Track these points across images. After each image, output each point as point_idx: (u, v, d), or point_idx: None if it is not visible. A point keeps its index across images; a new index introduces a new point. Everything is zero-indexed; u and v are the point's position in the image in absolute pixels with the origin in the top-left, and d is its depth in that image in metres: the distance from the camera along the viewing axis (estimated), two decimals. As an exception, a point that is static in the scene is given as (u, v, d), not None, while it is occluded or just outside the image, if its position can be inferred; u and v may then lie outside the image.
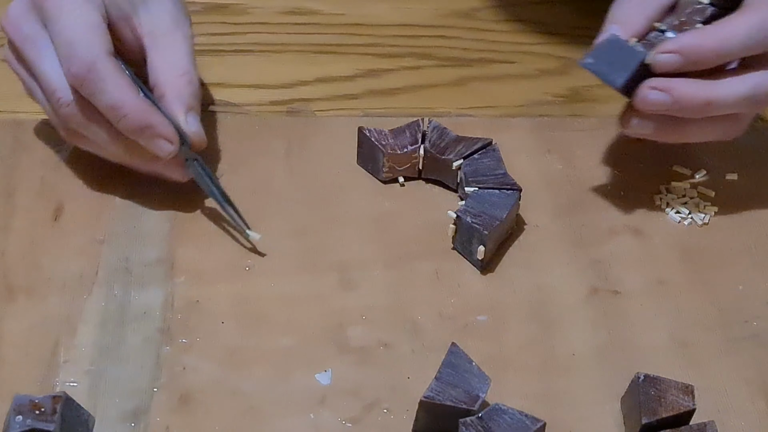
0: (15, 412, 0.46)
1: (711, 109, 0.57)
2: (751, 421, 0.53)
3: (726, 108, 0.58)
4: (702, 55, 0.57)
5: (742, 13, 0.57)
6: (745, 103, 0.58)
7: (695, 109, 0.57)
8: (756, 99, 0.58)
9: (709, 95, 0.57)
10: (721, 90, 0.57)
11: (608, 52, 0.57)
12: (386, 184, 0.63)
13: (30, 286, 0.56)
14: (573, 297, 0.58)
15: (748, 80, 0.58)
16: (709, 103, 0.57)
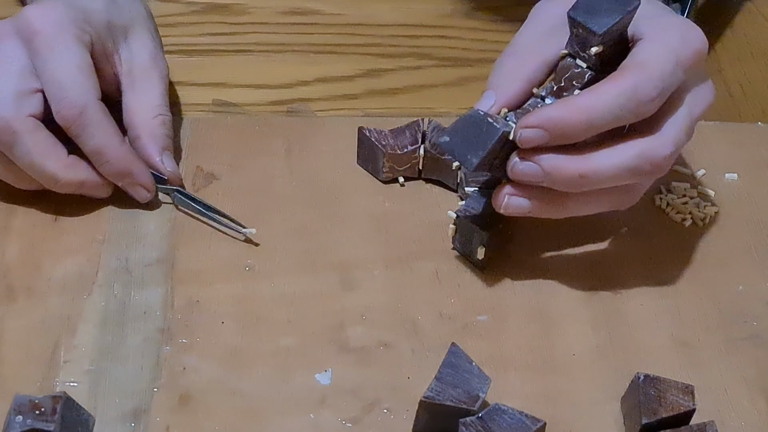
0: (15, 412, 0.46)
1: (587, 183, 0.52)
2: (751, 421, 0.53)
3: (605, 181, 0.52)
4: (567, 129, 0.51)
5: (613, 79, 0.51)
6: (627, 175, 0.52)
7: (568, 183, 0.52)
8: (639, 170, 0.52)
9: (580, 168, 0.51)
10: (596, 162, 0.51)
11: (466, 129, 0.52)
12: (386, 184, 0.63)
13: (30, 286, 0.56)
14: (573, 297, 0.58)
15: (628, 149, 0.52)
16: (582, 176, 0.51)
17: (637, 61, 0.51)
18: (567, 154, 0.52)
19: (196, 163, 0.63)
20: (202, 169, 0.63)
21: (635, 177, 0.52)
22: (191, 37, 0.73)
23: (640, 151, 0.52)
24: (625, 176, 0.52)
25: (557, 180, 0.52)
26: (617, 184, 0.53)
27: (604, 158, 0.52)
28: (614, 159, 0.51)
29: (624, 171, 0.52)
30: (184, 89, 0.70)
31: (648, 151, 0.52)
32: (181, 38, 0.73)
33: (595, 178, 0.52)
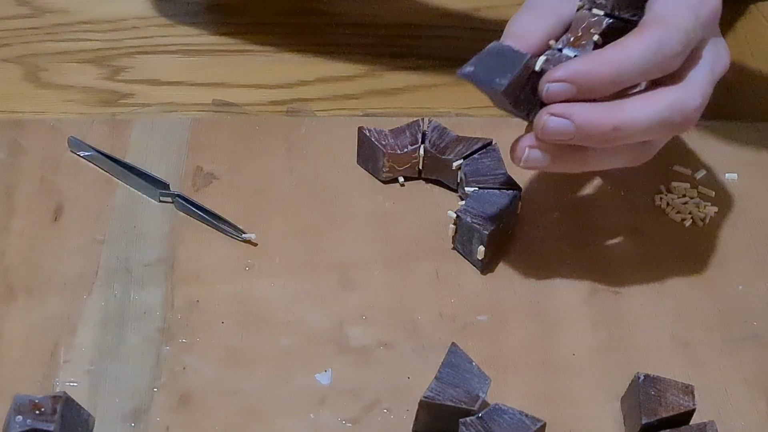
0: (15, 412, 0.46)
1: (619, 136, 0.51)
2: (751, 421, 0.53)
3: (637, 134, 0.51)
4: (595, 83, 0.50)
5: (638, 34, 0.51)
6: (659, 127, 0.51)
7: (602, 137, 0.51)
8: (670, 123, 0.51)
9: (616, 120, 0.50)
10: (630, 113, 0.50)
11: (489, 58, 0.51)
12: (386, 184, 0.63)
13: (30, 286, 0.56)
14: (573, 297, 0.58)
15: (660, 100, 0.51)
16: (616, 128, 0.50)
17: (658, 15, 0.51)
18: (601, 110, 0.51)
19: (196, 163, 0.63)
20: (202, 169, 0.63)
21: (666, 129, 0.52)
22: (191, 37, 0.73)
23: (671, 102, 0.51)
24: (657, 128, 0.51)
25: (591, 134, 0.50)
26: (648, 138, 0.52)
27: (637, 110, 0.50)
28: (647, 110, 0.50)
29: (656, 122, 0.51)
30: (184, 89, 0.70)
31: (678, 102, 0.51)
32: (181, 38, 0.73)
33: (629, 131, 0.50)
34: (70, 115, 0.67)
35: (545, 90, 0.51)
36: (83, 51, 0.72)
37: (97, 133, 0.64)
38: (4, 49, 0.72)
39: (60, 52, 0.72)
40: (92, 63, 0.71)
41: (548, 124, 0.51)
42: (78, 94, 0.69)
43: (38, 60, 0.71)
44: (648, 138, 0.52)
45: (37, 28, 0.74)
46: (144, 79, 0.70)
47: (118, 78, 0.70)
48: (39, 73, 0.70)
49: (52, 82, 0.70)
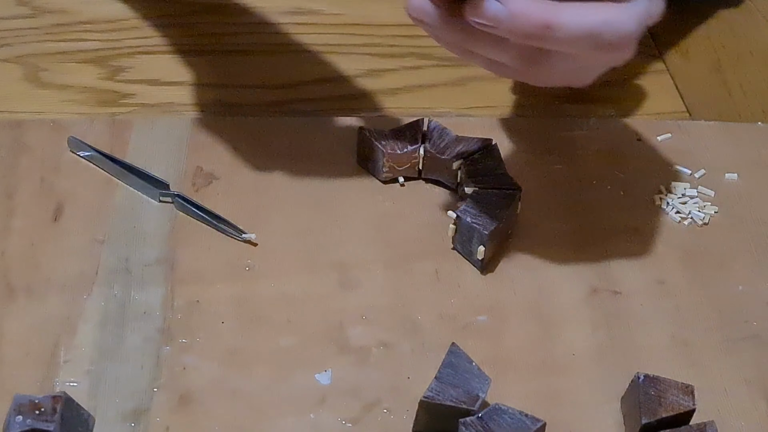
0: (15, 412, 0.46)
1: (549, 37, 0.48)
2: (751, 421, 0.53)
3: (567, 40, 0.48)
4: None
5: None
6: (590, 40, 0.48)
7: (531, 32, 0.48)
8: (603, 38, 0.48)
9: (548, 17, 0.47)
10: (564, 16, 0.48)
11: None
12: (386, 184, 0.63)
13: (30, 286, 0.56)
14: (573, 297, 0.58)
15: (597, 12, 0.48)
16: (549, 26, 0.47)
17: None
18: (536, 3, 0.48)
19: (196, 163, 0.63)
20: (202, 169, 0.63)
21: (596, 46, 0.49)
22: (191, 37, 0.74)
23: (608, 17, 0.48)
24: (587, 41, 0.48)
25: (521, 26, 0.48)
26: (577, 50, 0.49)
27: (573, 15, 0.48)
28: (582, 18, 0.48)
29: (588, 34, 0.48)
30: (184, 89, 0.70)
31: (614, 20, 0.49)
32: (181, 38, 0.73)
33: (559, 34, 0.48)
34: (70, 115, 0.67)
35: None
36: (83, 51, 0.72)
37: (97, 133, 0.64)
38: (4, 49, 0.72)
39: (60, 52, 0.72)
40: (92, 63, 0.71)
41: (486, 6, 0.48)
42: (78, 94, 0.69)
43: (38, 60, 0.71)
44: (576, 49, 0.49)
45: (37, 28, 0.74)
46: (144, 79, 0.70)
47: (118, 78, 0.70)
48: (39, 73, 0.70)
49: (52, 82, 0.70)
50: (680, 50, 0.77)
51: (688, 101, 0.73)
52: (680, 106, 0.72)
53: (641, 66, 0.76)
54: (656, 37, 0.78)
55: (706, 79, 0.75)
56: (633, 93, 0.73)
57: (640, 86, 0.74)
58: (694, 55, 0.77)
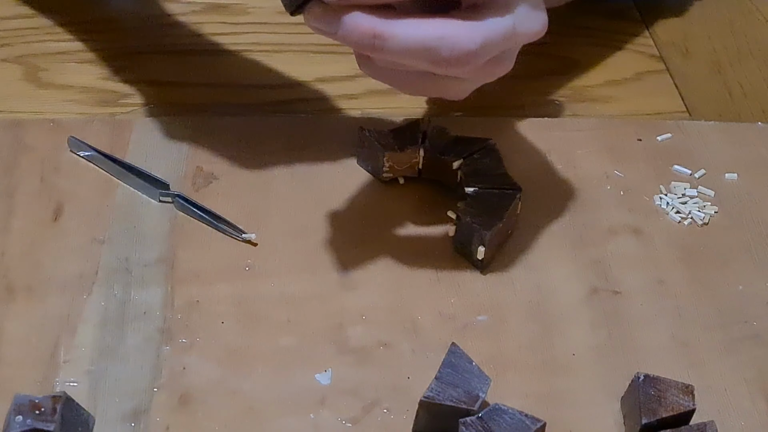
0: (15, 412, 0.46)
1: (378, 46, 0.47)
2: (751, 421, 0.52)
3: (399, 52, 0.47)
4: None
5: None
6: (422, 53, 0.47)
7: (361, 41, 0.48)
8: (437, 53, 0.47)
9: (377, 26, 0.47)
10: (396, 27, 0.47)
11: None
12: (386, 184, 0.63)
13: (30, 286, 0.56)
14: (573, 297, 0.58)
15: (435, 27, 0.47)
16: (377, 36, 0.47)
17: None
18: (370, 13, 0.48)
19: (196, 163, 0.63)
20: (202, 169, 0.63)
21: (431, 61, 0.48)
22: (191, 37, 0.73)
23: (446, 33, 0.47)
24: (420, 54, 0.48)
25: (349, 33, 0.48)
26: (412, 63, 0.48)
27: (406, 26, 0.47)
28: (415, 30, 0.47)
29: (420, 47, 0.47)
30: (184, 89, 0.70)
31: (453, 37, 0.47)
32: (181, 38, 0.73)
33: (389, 45, 0.47)
34: (70, 115, 0.67)
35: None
36: (83, 51, 0.72)
37: (97, 133, 0.64)
38: (4, 49, 0.72)
39: (60, 52, 0.72)
40: (92, 63, 0.71)
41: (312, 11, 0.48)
42: (78, 94, 0.69)
43: (38, 60, 0.71)
44: (410, 62, 0.49)
45: (37, 28, 0.74)
46: (144, 79, 0.70)
47: (118, 78, 0.70)
48: (39, 73, 0.70)
49: (52, 82, 0.70)
50: (680, 50, 0.77)
51: (688, 101, 0.73)
52: (680, 106, 0.72)
53: (641, 66, 0.76)
54: (656, 37, 0.78)
55: (706, 79, 0.75)
56: (633, 93, 0.73)
57: (640, 86, 0.74)
58: (694, 55, 0.77)
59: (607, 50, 0.76)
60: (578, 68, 0.61)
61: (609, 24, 0.77)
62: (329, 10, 0.48)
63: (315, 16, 0.49)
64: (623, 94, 0.73)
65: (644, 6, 0.81)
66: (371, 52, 0.49)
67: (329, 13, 0.48)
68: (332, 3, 0.48)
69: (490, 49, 0.49)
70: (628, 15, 0.80)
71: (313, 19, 0.49)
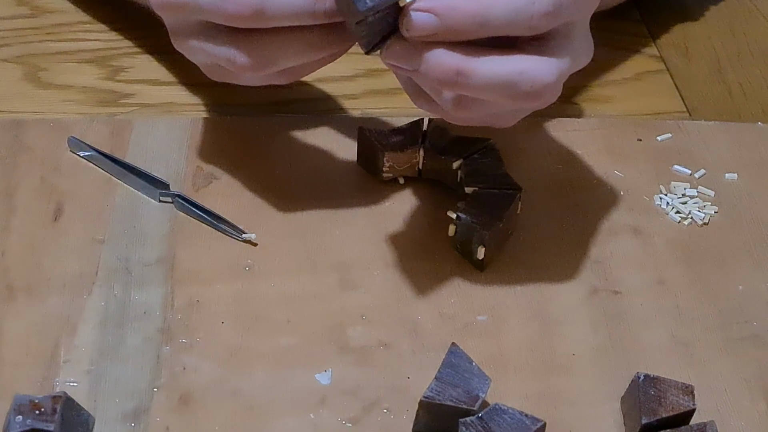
0: (15, 412, 0.46)
1: (461, 83, 0.49)
2: (751, 421, 0.52)
3: (481, 88, 0.49)
4: (459, 18, 0.48)
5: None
6: (504, 88, 0.49)
7: (442, 77, 0.49)
8: (516, 88, 0.49)
9: (460, 64, 0.48)
10: (478, 63, 0.48)
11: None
12: (386, 184, 0.63)
13: (30, 286, 0.56)
14: (573, 297, 0.58)
15: (514, 62, 0.49)
16: (460, 72, 0.48)
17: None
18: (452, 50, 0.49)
19: (196, 163, 0.63)
20: (202, 169, 0.63)
21: (511, 95, 0.50)
22: (191, 37, 0.73)
23: (524, 68, 0.49)
24: (501, 89, 0.49)
25: (432, 70, 0.48)
26: (492, 98, 0.50)
27: (488, 63, 0.49)
28: (497, 66, 0.49)
29: (502, 83, 0.49)
30: (184, 89, 0.70)
31: (532, 71, 0.49)
32: (181, 38, 0.73)
33: (471, 81, 0.49)
34: (70, 115, 0.67)
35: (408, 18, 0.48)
36: (83, 51, 0.72)
37: (97, 133, 0.64)
38: (4, 49, 0.72)
39: (60, 52, 0.72)
40: (92, 63, 0.71)
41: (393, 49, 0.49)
42: (78, 94, 0.69)
43: (38, 60, 0.71)
44: (491, 97, 0.50)
45: (37, 28, 0.74)
46: (144, 79, 0.70)
47: (118, 78, 0.70)
48: (39, 73, 0.70)
49: (52, 82, 0.70)
50: (680, 50, 0.77)
51: (688, 101, 0.73)
52: (680, 106, 0.72)
53: (641, 66, 0.76)
54: (656, 37, 0.78)
55: (706, 79, 0.75)
56: (633, 93, 0.73)
57: (640, 86, 0.74)
58: (694, 55, 0.77)
59: (607, 50, 0.76)
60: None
61: (609, 24, 0.77)
62: (410, 48, 0.49)
63: (395, 54, 0.49)
64: (623, 94, 0.73)
65: (644, 6, 0.81)
66: (452, 88, 0.49)
67: (410, 50, 0.49)
68: (415, 39, 0.48)
69: (561, 80, 0.51)
70: (628, 15, 0.80)
71: (392, 57, 0.50)
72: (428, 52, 0.48)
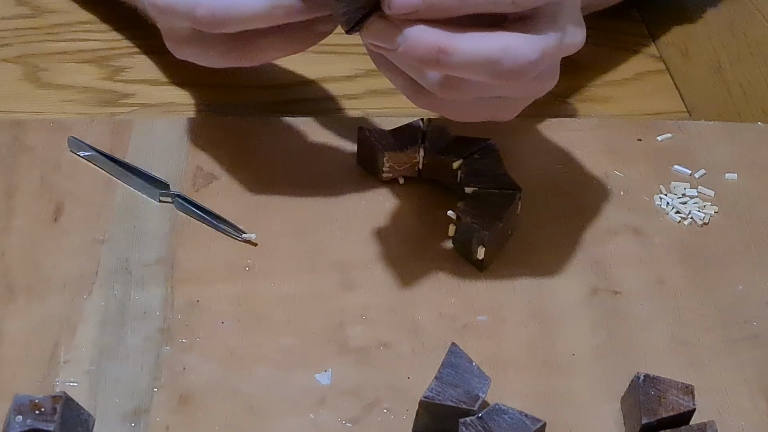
0: (15, 412, 0.46)
1: (443, 61, 0.47)
2: (751, 421, 0.52)
3: (462, 65, 0.48)
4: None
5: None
6: (486, 65, 0.48)
7: (425, 56, 0.47)
8: (500, 64, 0.48)
9: (443, 41, 0.47)
10: (459, 40, 0.47)
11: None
12: (386, 184, 0.63)
13: (30, 286, 0.56)
14: (573, 297, 0.58)
15: (496, 39, 0.48)
16: (441, 50, 0.47)
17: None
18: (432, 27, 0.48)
19: (196, 163, 0.63)
20: (202, 169, 0.63)
21: (495, 72, 0.48)
22: (191, 37, 0.73)
23: (507, 44, 0.48)
24: (484, 66, 0.48)
25: (413, 48, 0.47)
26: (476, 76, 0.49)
27: (470, 39, 0.47)
28: (478, 43, 0.48)
29: (484, 59, 0.48)
30: (184, 89, 0.70)
31: (514, 47, 0.48)
32: (181, 38, 0.73)
33: (454, 59, 0.47)
34: (70, 115, 0.67)
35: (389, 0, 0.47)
36: (83, 51, 0.72)
37: (97, 133, 0.64)
38: (4, 49, 0.72)
39: (60, 52, 0.72)
40: (92, 63, 0.71)
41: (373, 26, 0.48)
42: (78, 94, 0.69)
43: (38, 60, 0.71)
44: (475, 75, 0.49)
45: (37, 28, 0.74)
46: (144, 79, 0.70)
47: (118, 78, 0.70)
48: (39, 73, 0.70)
49: (52, 82, 0.70)
50: (680, 50, 0.77)
51: (688, 101, 0.73)
52: (680, 106, 0.72)
53: (641, 66, 0.76)
54: (656, 37, 0.78)
55: (706, 79, 0.75)
56: (633, 93, 0.73)
57: (640, 86, 0.74)
58: (694, 55, 0.77)
59: (607, 50, 0.76)
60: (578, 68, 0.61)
61: (609, 24, 0.77)
62: (391, 26, 0.48)
63: (375, 32, 0.49)
64: (623, 94, 0.73)
65: (644, 6, 0.81)
66: (434, 67, 0.48)
67: (391, 28, 0.48)
68: (396, 16, 0.48)
69: (546, 59, 0.50)
70: (628, 15, 0.80)
71: (372, 36, 0.49)
72: (409, 28, 0.47)
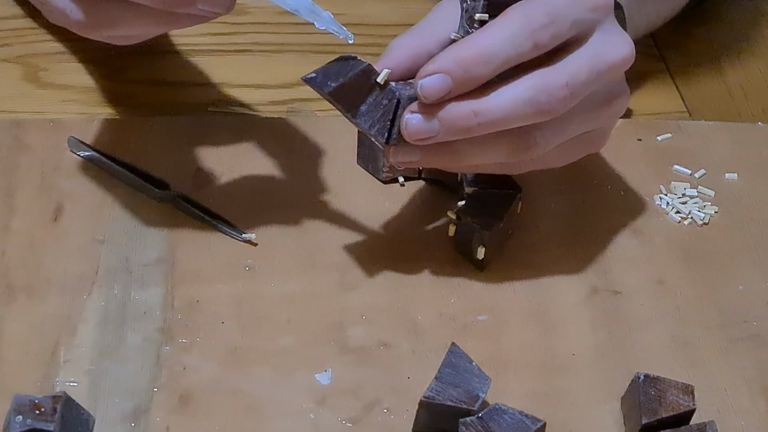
0: (15, 412, 0.46)
1: (483, 122, 0.50)
2: (751, 421, 0.53)
3: (501, 119, 0.50)
4: (467, 65, 0.49)
5: (503, 15, 0.50)
6: (522, 110, 0.50)
7: (465, 125, 0.50)
8: (535, 104, 0.49)
9: (474, 104, 0.49)
10: (492, 97, 0.49)
11: (333, 66, 0.51)
12: (386, 184, 0.63)
13: (30, 286, 0.56)
14: (573, 297, 0.58)
15: (524, 81, 0.50)
16: (477, 113, 0.49)
17: None
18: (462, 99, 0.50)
19: (196, 163, 0.63)
20: (202, 169, 0.63)
21: (532, 111, 0.50)
22: (191, 37, 0.73)
23: (534, 82, 0.50)
24: (521, 110, 0.50)
25: (451, 122, 0.50)
26: (516, 123, 0.50)
27: (500, 93, 0.50)
28: (509, 92, 0.49)
29: (520, 104, 0.49)
30: (184, 89, 0.70)
31: (541, 82, 0.50)
32: (181, 38, 0.73)
33: (492, 115, 0.49)
34: (70, 115, 0.67)
35: (419, 88, 0.50)
36: (83, 51, 0.72)
37: (97, 133, 0.64)
38: (4, 49, 0.72)
39: (60, 52, 0.72)
40: (92, 63, 0.71)
41: (410, 123, 0.50)
42: (78, 94, 0.69)
43: (38, 60, 0.71)
44: (516, 123, 0.50)
45: (37, 28, 0.74)
46: (144, 79, 0.70)
47: (118, 78, 0.70)
48: (39, 73, 0.70)
49: (52, 82, 0.69)
50: (680, 50, 0.77)
51: (688, 101, 0.73)
52: (680, 106, 0.72)
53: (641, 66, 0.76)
54: (656, 37, 0.78)
55: (706, 79, 0.75)
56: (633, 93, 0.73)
57: (640, 86, 0.74)
58: (694, 55, 0.77)
59: (607, 50, 0.76)
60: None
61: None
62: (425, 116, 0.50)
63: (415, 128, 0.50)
64: (623, 94, 0.73)
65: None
66: (477, 130, 0.50)
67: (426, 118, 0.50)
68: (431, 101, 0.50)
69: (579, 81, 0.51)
70: (628, 15, 0.80)
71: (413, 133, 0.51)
72: (440, 111, 0.50)
